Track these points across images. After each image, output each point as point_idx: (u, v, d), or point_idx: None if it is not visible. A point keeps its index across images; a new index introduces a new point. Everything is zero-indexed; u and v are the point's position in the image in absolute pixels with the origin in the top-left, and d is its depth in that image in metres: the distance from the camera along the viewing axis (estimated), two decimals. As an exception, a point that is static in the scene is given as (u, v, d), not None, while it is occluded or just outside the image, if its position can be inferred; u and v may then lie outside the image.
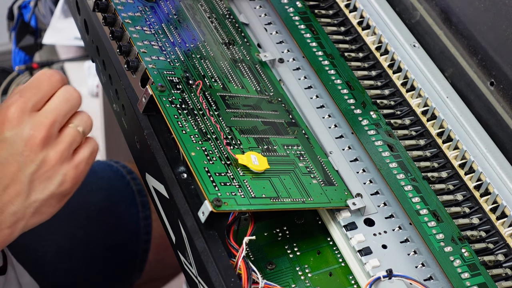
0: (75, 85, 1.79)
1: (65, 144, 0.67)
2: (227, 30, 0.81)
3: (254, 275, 0.62)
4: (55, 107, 0.66)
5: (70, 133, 0.67)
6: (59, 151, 0.66)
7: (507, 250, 0.69)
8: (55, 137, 0.66)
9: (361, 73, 0.80)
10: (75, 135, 0.67)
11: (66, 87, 0.67)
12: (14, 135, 0.65)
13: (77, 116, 0.68)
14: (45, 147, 0.65)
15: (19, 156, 0.65)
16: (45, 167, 0.66)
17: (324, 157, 0.72)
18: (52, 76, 0.67)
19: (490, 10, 0.77)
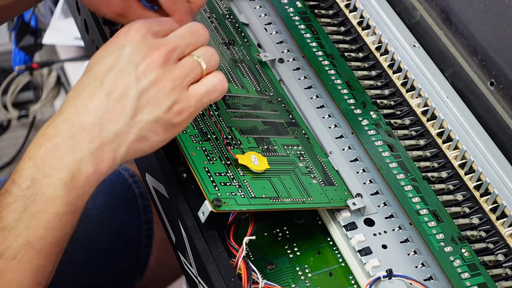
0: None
1: (181, 71, 0.61)
2: (227, 30, 0.81)
3: (254, 275, 0.62)
4: (178, 35, 0.62)
5: (188, 62, 0.62)
6: (174, 76, 0.61)
7: (507, 250, 0.69)
8: (173, 62, 0.61)
9: (361, 73, 0.80)
10: (194, 66, 0.62)
11: (195, 22, 0.64)
12: (133, 49, 0.60)
13: (201, 49, 0.63)
14: (160, 67, 0.60)
15: (134, 68, 0.59)
16: (156, 88, 0.60)
17: (324, 157, 0.72)
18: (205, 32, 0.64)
19: (490, 10, 0.77)
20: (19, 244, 0.58)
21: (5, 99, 1.83)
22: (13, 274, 0.58)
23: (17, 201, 0.58)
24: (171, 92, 0.60)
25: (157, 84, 0.60)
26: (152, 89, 0.60)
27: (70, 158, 0.58)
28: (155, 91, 0.60)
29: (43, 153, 0.58)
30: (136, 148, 0.60)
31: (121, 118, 0.59)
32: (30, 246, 0.58)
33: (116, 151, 0.59)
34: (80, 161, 0.58)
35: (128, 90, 0.59)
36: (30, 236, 0.58)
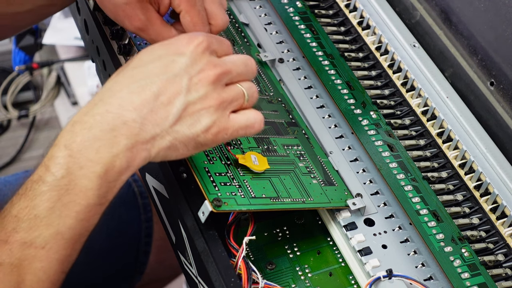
0: (75, 85, 1.79)
1: (228, 95, 0.62)
2: (227, 30, 0.81)
3: (254, 275, 0.62)
4: (234, 61, 0.63)
5: (236, 89, 0.63)
6: (221, 97, 0.61)
7: (507, 250, 0.69)
8: (222, 84, 0.62)
9: (361, 73, 0.80)
10: (240, 95, 0.63)
11: (249, 57, 0.65)
12: (192, 60, 0.61)
13: (247, 82, 0.64)
14: (211, 85, 0.61)
15: (188, 79, 0.60)
16: (202, 104, 0.61)
17: (324, 157, 0.72)
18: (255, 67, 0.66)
19: (490, 10, 0.77)
20: (50, 234, 0.58)
21: (5, 99, 1.83)
22: (42, 263, 0.59)
23: (51, 191, 0.58)
24: (215, 112, 0.61)
25: (204, 101, 0.61)
26: (198, 104, 0.60)
27: (107, 152, 0.58)
28: (201, 107, 0.61)
29: (80, 143, 0.58)
30: (164, 154, 0.61)
31: (162, 123, 0.59)
32: (60, 236, 0.59)
33: (148, 152, 0.59)
34: (116, 156, 0.58)
35: (177, 98, 0.60)
36: (61, 226, 0.59)
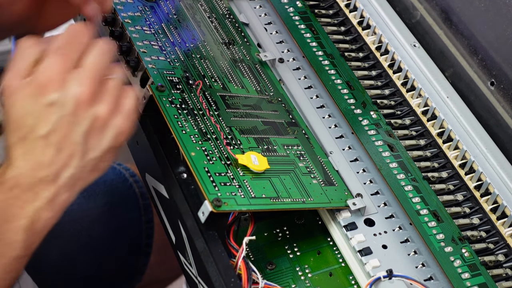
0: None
1: (112, 96, 0.63)
2: (227, 30, 0.81)
3: (254, 275, 0.62)
4: (95, 61, 0.63)
5: (113, 85, 0.63)
6: (109, 104, 0.62)
7: (508, 250, 0.69)
8: (100, 90, 0.62)
9: (361, 73, 0.80)
10: (119, 86, 0.63)
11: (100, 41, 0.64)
12: (62, 96, 0.61)
13: (113, 68, 0.64)
14: (94, 102, 0.61)
15: (72, 116, 0.61)
16: (98, 122, 0.62)
17: (324, 157, 0.72)
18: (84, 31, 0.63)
19: (490, 10, 0.77)
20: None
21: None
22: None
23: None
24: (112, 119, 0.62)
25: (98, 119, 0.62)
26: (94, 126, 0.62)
27: (30, 207, 0.61)
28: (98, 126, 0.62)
29: (4, 200, 0.61)
30: (91, 179, 0.64)
31: (72, 163, 0.61)
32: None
33: (72, 190, 0.63)
34: (40, 208, 0.61)
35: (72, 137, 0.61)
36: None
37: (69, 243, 1.00)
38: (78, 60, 0.62)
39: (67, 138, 0.61)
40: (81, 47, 0.63)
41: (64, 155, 0.61)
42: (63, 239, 0.99)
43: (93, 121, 0.61)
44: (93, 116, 0.61)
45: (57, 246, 0.98)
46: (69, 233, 1.00)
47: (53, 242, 0.98)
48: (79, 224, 1.00)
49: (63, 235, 0.99)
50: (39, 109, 0.61)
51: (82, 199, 1.01)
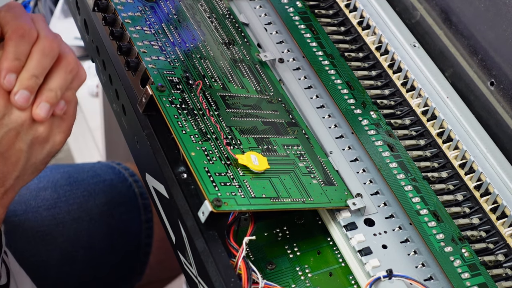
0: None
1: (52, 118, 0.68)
2: (227, 30, 0.81)
3: (254, 275, 0.62)
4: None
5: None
6: (49, 125, 0.67)
7: (507, 250, 0.69)
8: None
9: (361, 73, 0.80)
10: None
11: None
12: (8, 113, 0.65)
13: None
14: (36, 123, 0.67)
15: (20, 127, 0.65)
16: (40, 138, 0.67)
17: (324, 157, 0.72)
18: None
19: (490, 10, 0.77)
20: None
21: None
22: None
23: None
24: (52, 125, 0.68)
25: (41, 127, 0.67)
26: (38, 133, 0.67)
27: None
28: (42, 132, 0.67)
29: None
30: (29, 179, 0.69)
31: (18, 167, 0.67)
32: None
33: (15, 190, 0.68)
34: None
35: (18, 145, 0.66)
36: None
37: (69, 243, 1.00)
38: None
39: (13, 148, 0.66)
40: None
41: (11, 161, 0.66)
42: (63, 238, 0.99)
43: (35, 136, 0.67)
44: (35, 133, 0.67)
45: (58, 247, 0.99)
46: (68, 233, 1.00)
47: (54, 243, 0.98)
48: (79, 225, 1.00)
49: (63, 235, 0.99)
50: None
51: (81, 198, 1.02)
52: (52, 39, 0.66)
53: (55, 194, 1.01)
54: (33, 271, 0.94)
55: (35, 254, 0.98)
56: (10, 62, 0.64)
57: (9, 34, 0.64)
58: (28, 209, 0.99)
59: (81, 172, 1.05)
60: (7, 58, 0.64)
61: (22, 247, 0.96)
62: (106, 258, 1.03)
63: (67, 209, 1.01)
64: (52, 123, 0.68)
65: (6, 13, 0.65)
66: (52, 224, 0.99)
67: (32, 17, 0.67)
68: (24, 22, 0.65)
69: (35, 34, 0.65)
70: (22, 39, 0.64)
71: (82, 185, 1.03)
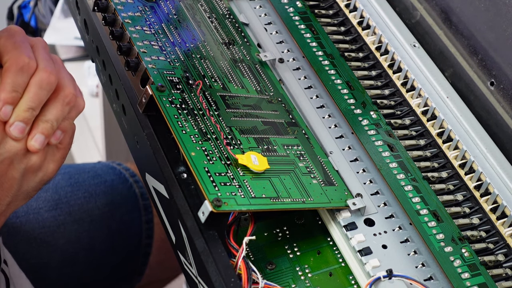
0: (75, 85, 1.79)
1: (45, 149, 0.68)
2: (227, 30, 0.81)
3: (254, 275, 0.62)
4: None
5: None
6: (42, 155, 0.68)
7: (507, 250, 0.69)
8: None
9: (361, 73, 0.80)
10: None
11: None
12: (3, 144, 0.65)
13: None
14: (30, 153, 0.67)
15: (14, 156, 0.66)
16: (33, 167, 0.67)
17: (324, 157, 0.72)
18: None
19: (490, 10, 0.77)
20: None
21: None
22: None
23: None
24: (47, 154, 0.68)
25: (35, 156, 0.67)
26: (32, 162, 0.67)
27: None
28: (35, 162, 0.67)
29: None
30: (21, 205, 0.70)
31: (10, 193, 0.68)
32: None
33: (6, 215, 0.69)
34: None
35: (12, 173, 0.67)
36: None
37: (70, 244, 1.00)
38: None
39: (6, 176, 0.66)
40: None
41: (3, 188, 0.67)
42: (64, 240, 0.99)
43: (28, 165, 0.67)
44: (28, 162, 0.67)
45: (58, 248, 0.99)
46: (69, 234, 1.00)
47: (54, 245, 0.98)
48: (80, 226, 1.01)
49: (65, 237, 0.99)
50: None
51: (82, 199, 1.02)
52: (50, 71, 0.66)
53: (56, 195, 1.01)
54: (33, 274, 0.94)
55: (36, 256, 0.98)
56: (7, 94, 0.64)
57: (8, 64, 0.64)
58: (29, 211, 0.99)
59: (81, 173, 1.05)
60: (4, 90, 0.64)
61: (23, 249, 0.96)
62: (106, 259, 1.03)
63: (68, 211, 1.01)
64: (47, 152, 0.68)
65: (7, 41, 0.65)
66: (53, 225, 0.99)
67: (32, 44, 0.67)
68: (24, 54, 0.65)
69: (34, 66, 0.65)
70: (20, 71, 0.64)
71: (83, 186, 1.03)
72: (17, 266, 0.89)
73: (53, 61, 0.67)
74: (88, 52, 0.85)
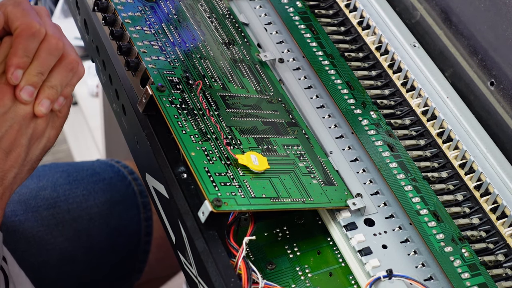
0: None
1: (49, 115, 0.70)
2: (227, 30, 0.81)
3: (254, 275, 0.62)
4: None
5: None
6: (46, 120, 0.70)
7: (507, 250, 0.69)
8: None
9: (361, 73, 0.80)
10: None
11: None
12: (13, 107, 0.67)
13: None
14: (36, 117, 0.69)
15: (19, 125, 0.67)
16: (37, 132, 0.69)
17: (324, 157, 0.72)
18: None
19: (490, 10, 0.77)
20: None
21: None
22: None
23: None
24: (47, 120, 0.70)
25: (41, 121, 0.69)
26: (37, 128, 0.69)
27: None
28: (40, 127, 0.69)
29: None
30: (25, 178, 0.71)
31: (17, 163, 0.68)
32: None
33: (12, 189, 0.69)
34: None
35: (19, 139, 0.68)
36: None
37: (69, 243, 1.00)
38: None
39: (15, 142, 0.68)
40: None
41: (11, 157, 0.68)
42: (64, 239, 0.99)
43: (34, 130, 0.69)
44: (34, 126, 0.69)
45: (57, 246, 0.99)
46: (68, 232, 1.00)
47: (53, 243, 0.98)
48: (79, 224, 1.01)
49: (63, 235, 0.99)
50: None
51: (81, 197, 1.02)
52: (58, 37, 0.68)
53: (54, 193, 1.01)
54: (32, 272, 0.94)
55: (35, 254, 0.98)
56: (19, 58, 0.66)
57: (19, 31, 0.66)
58: (28, 209, 0.99)
59: (80, 171, 1.05)
60: (16, 55, 0.66)
61: (22, 248, 0.96)
62: (105, 257, 1.03)
63: (67, 209, 1.01)
64: (49, 118, 0.70)
65: (15, 8, 0.67)
66: (52, 224, 0.99)
67: (37, 12, 0.69)
68: (34, 20, 0.67)
69: (43, 32, 0.67)
70: (32, 37, 0.66)
71: (81, 184, 1.03)
72: (17, 265, 0.88)
73: (58, 28, 0.70)
74: (88, 52, 0.85)
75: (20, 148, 0.68)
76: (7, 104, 0.67)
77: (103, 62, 0.77)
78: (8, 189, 0.69)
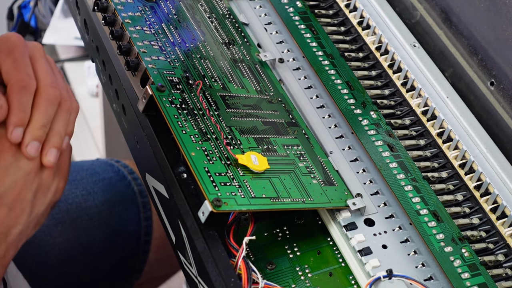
0: (75, 85, 1.79)
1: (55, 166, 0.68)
2: (227, 30, 0.81)
3: (254, 275, 0.62)
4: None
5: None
6: (52, 171, 0.67)
7: (507, 250, 0.69)
8: None
9: (361, 73, 0.80)
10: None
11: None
12: (17, 161, 0.65)
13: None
14: (42, 170, 0.67)
15: (24, 179, 0.65)
16: (44, 185, 0.67)
17: (324, 157, 0.72)
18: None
19: (490, 10, 0.77)
20: None
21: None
22: None
23: None
24: (53, 174, 0.67)
25: (46, 176, 0.67)
26: (43, 183, 0.66)
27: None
28: (45, 182, 0.67)
29: None
30: (32, 234, 0.68)
31: (21, 219, 0.66)
32: None
33: (18, 246, 0.67)
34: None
35: (23, 195, 0.65)
36: None
37: (68, 242, 1.00)
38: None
39: (19, 198, 0.65)
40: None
41: (15, 213, 0.65)
42: (63, 239, 0.99)
43: (39, 184, 0.66)
44: (40, 180, 0.66)
45: (56, 247, 0.99)
46: (67, 232, 1.00)
47: (52, 243, 0.98)
48: (78, 224, 1.00)
49: (63, 235, 0.99)
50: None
51: (80, 198, 1.02)
52: (55, 85, 0.66)
53: None
54: (31, 273, 0.94)
55: (33, 255, 0.98)
56: (16, 116, 0.64)
57: (10, 86, 0.65)
58: None
59: (80, 170, 1.05)
60: (13, 113, 0.64)
61: (21, 249, 0.96)
62: (105, 257, 1.03)
63: (66, 209, 1.01)
64: (55, 169, 0.68)
65: (7, 58, 0.65)
66: (51, 224, 0.99)
67: (31, 55, 0.67)
68: (23, 73, 0.65)
69: (34, 85, 0.65)
70: (23, 91, 0.64)
71: (81, 184, 1.03)
72: (15, 267, 0.88)
73: (51, 69, 0.67)
74: (88, 52, 0.85)
75: (24, 204, 0.65)
76: (8, 159, 0.64)
77: (103, 62, 0.77)
78: (13, 247, 0.66)
